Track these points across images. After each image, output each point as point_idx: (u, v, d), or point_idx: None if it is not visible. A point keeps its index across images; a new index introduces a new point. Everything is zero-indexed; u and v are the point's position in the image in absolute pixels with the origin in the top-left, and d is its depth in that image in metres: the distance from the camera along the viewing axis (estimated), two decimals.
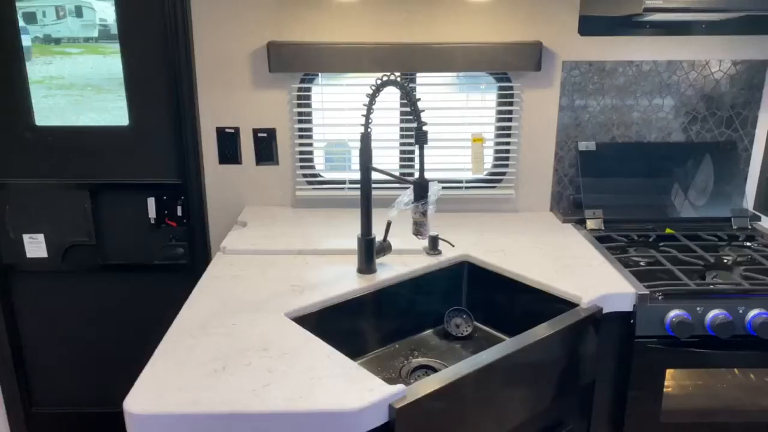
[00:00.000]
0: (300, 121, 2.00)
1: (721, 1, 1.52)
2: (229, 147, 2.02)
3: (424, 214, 1.35)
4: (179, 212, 2.09)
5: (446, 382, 1.11)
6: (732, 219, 1.96)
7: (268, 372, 1.11)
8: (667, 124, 2.04)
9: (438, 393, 1.10)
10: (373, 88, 1.41)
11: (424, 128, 1.32)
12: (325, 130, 2.04)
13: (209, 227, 2.09)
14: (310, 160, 2.06)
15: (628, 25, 1.93)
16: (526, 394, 1.30)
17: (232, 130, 2.00)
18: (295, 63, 1.87)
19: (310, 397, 1.03)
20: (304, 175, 2.06)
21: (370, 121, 1.45)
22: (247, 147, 2.02)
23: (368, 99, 1.43)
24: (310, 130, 2.02)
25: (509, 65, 1.90)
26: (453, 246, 1.67)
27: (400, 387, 1.07)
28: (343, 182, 2.07)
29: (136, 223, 2.10)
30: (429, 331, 1.67)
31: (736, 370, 1.57)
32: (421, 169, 1.34)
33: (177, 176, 2.06)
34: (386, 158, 2.11)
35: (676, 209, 1.98)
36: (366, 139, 1.47)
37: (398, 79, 1.36)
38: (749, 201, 2.07)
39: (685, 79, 2.00)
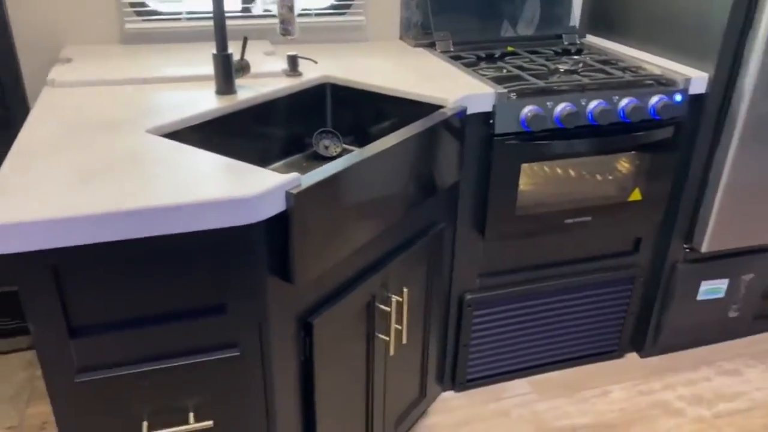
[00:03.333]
0: None
1: None
2: None
3: (291, 9, 1.25)
4: None
5: (339, 170, 1.10)
6: (563, 36, 2.11)
7: (149, 175, 1.01)
8: None
9: (330, 181, 1.09)
10: None
11: None
12: None
13: (22, 73, 1.78)
14: None
15: None
16: (402, 190, 1.34)
17: None
18: None
19: (202, 189, 0.96)
20: (132, 5, 1.81)
21: None
22: None
23: None
24: None
25: None
26: (316, 63, 1.61)
27: (294, 175, 1.03)
28: (179, 14, 1.86)
29: None
30: (299, 155, 1.63)
31: (571, 171, 1.76)
32: None
33: None
34: None
35: (515, 30, 2.08)
36: None
37: None
38: (575, 20, 2.24)
39: None
